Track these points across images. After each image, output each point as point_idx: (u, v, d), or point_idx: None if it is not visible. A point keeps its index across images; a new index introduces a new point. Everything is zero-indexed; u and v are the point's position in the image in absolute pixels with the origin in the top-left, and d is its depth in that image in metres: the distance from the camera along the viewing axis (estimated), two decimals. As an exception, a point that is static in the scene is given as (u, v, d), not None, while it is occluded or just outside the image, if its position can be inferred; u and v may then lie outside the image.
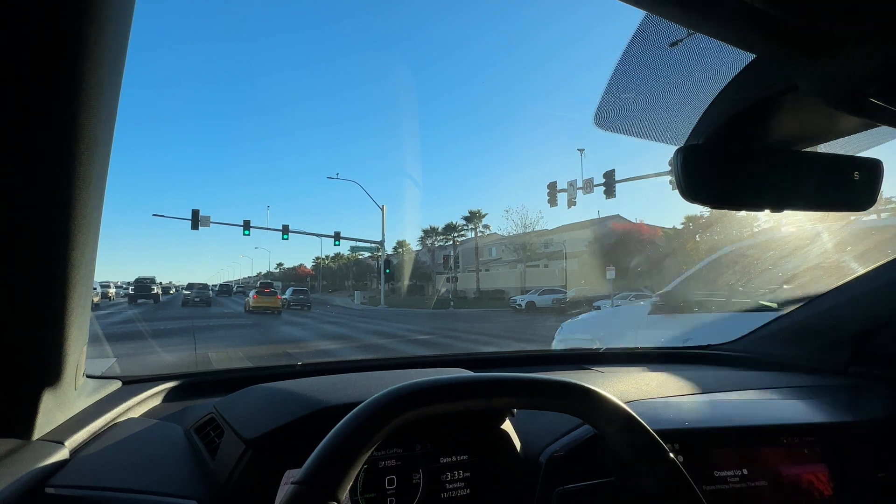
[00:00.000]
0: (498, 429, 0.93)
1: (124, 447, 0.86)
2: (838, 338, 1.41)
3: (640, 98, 0.79)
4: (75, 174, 0.59)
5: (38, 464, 0.71)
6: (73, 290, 0.69)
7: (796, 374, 1.43)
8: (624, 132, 0.83)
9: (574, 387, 0.68)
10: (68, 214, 0.62)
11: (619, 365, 1.58)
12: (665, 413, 1.01)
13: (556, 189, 20.85)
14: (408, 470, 0.87)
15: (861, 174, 0.69)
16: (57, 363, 0.76)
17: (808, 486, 0.99)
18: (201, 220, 23.03)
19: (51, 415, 0.81)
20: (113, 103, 0.61)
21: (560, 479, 0.87)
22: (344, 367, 1.34)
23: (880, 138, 0.75)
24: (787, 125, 0.68)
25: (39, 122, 0.55)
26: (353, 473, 0.54)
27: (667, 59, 0.70)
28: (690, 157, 0.65)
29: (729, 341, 1.74)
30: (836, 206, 0.73)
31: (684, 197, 0.65)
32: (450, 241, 41.03)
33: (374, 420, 0.58)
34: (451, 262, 39.41)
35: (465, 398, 0.65)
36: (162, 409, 1.12)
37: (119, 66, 0.59)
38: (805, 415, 1.10)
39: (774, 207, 0.69)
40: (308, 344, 10.86)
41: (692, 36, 0.65)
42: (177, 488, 0.76)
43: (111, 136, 0.64)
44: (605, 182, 19.36)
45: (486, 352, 3.59)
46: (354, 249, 47.28)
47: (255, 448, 0.77)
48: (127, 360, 7.25)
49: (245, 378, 1.21)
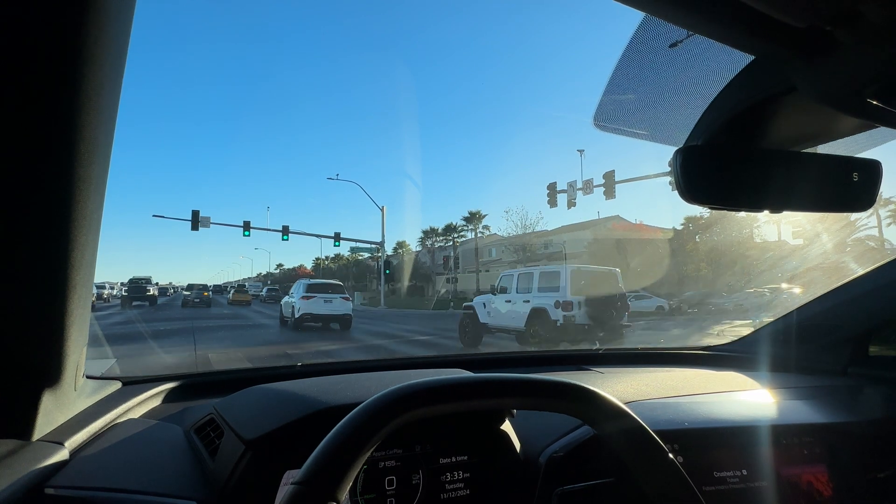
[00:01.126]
0: (498, 429, 0.93)
1: (124, 448, 0.86)
2: (837, 338, 1.42)
3: (640, 99, 0.79)
4: (76, 175, 0.59)
5: (38, 464, 0.72)
6: (73, 291, 0.69)
7: (796, 375, 1.43)
8: (623, 133, 0.83)
9: (573, 387, 0.68)
10: (69, 215, 0.62)
11: (619, 366, 1.58)
12: (664, 414, 1.01)
13: (556, 190, 20.86)
14: (407, 470, 0.87)
15: (860, 175, 0.70)
16: (57, 364, 0.76)
17: (808, 486, 0.99)
18: (201, 220, 23.01)
19: (51, 415, 0.81)
20: (113, 104, 0.62)
21: (560, 479, 0.87)
22: (343, 368, 1.34)
23: (879, 139, 0.75)
24: (787, 126, 0.68)
25: (40, 123, 0.55)
26: (353, 474, 0.54)
27: (666, 59, 0.70)
28: (690, 158, 0.65)
29: (728, 342, 1.75)
30: (836, 207, 0.73)
31: (683, 198, 0.65)
32: (450, 242, 41.06)
33: (373, 421, 0.58)
34: (450, 262, 39.43)
35: (464, 399, 0.65)
36: (162, 409, 1.12)
37: (120, 68, 0.59)
38: (804, 415, 1.10)
39: (774, 208, 0.69)
40: (307, 345, 10.85)
41: (691, 37, 0.65)
42: (177, 489, 0.76)
43: (112, 137, 0.64)
44: (605, 183, 19.37)
45: (485, 352, 3.59)
46: (354, 250, 47.34)
47: (254, 449, 0.77)
48: (126, 360, 7.25)
49: (245, 379, 1.21)
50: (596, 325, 10.11)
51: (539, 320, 10.45)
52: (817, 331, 1.46)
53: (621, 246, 28.15)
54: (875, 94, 0.52)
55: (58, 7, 0.48)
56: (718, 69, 0.66)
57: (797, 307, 1.52)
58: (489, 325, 11.64)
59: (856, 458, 1.04)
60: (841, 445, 1.04)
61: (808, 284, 15.26)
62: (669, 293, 23.96)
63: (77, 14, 0.49)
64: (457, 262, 40.95)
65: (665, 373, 1.38)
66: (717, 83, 0.67)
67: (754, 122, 0.66)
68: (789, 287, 17.52)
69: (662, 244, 27.81)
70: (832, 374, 1.41)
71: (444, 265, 39.92)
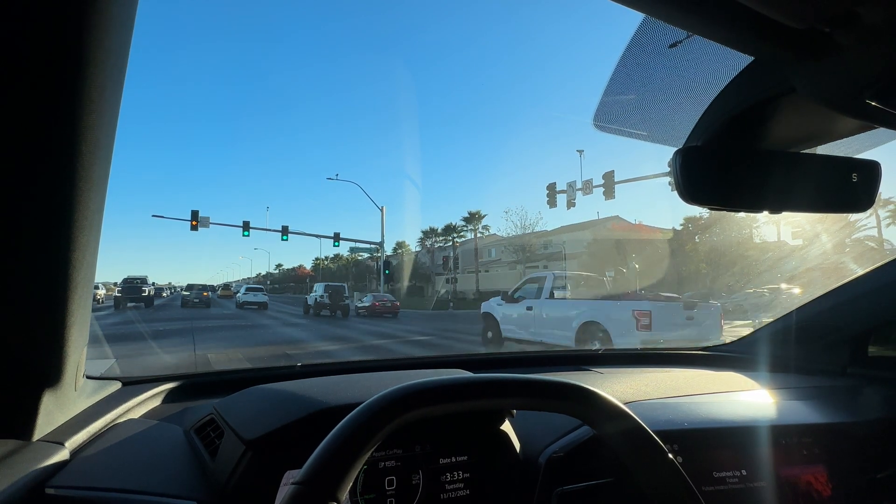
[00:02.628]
0: (497, 430, 0.93)
1: (124, 448, 0.86)
2: (836, 339, 1.42)
3: (640, 99, 0.79)
4: (77, 176, 0.59)
5: (39, 464, 0.72)
6: (73, 291, 0.69)
7: (795, 375, 1.43)
8: (623, 133, 0.83)
9: (573, 388, 0.68)
10: (70, 216, 0.62)
11: (619, 366, 1.58)
12: (664, 414, 1.02)
13: (556, 190, 20.85)
14: (407, 471, 0.87)
15: (859, 176, 0.70)
16: (57, 364, 0.76)
17: (807, 486, 0.99)
18: (201, 220, 22.96)
19: (51, 416, 0.81)
20: (115, 105, 0.62)
21: (559, 479, 0.87)
22: (343, 368, 1.35)
23: (878, 140, 0.75)
24: (786, 127, 0.68)
25: (42, 124, 0.55)
26: (353, 474, 0.54)
27: (666, 60, 0.70)
28: (689, 159, 0.65)
29: (728, 342, 1.75)
30: (835, 208, 0.74)
31: (683, 198, 0.65)
32: (449, 242, 41.01)
33: (373, 421, 0.58)
34: (450, 262, 39.42)
35: (464, 399, 0.65)
36: (162, 409, 1.12)
37: (122, 68, 0.59)
38: (804, 415, 1.10)
39: (773, 209, 0.69)
40: (307, 345, 10.85)
41: (691, 38, 0.65)
42: (177, 489, 0.76)
43: (113, 138, 0.64)
44: (605, 183, 19.36)
45: (485, 353, 3.59)
46: (354, 250, 47.38)
47: (254, 449, 0.77)
48: (127, 360, 7.25)
49: (245, 379, 1.21)
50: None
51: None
52: (817, 331, 1.46)
53: (621, 246, 28.14)
54: (874, 95, 0.53)
55: (60, 7, 0.48)
56: (718, 70, 0.66)
57: (796, 307, 1.52)
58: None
59: (855, 458, 1.04)
60: (840, 446, 1.04)
61: (807, 285, 15.27)
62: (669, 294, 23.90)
63: (79, 15, 0.49)
64: (456, 262, 40.93)
65: (664, 373, 1.38)
66: (716, 84, 0.67)
67: (754, 122, 0.66)
68: (789, 287, 17.53)
69: (662, 245, 27.80)
70: (832, 374, 1.41)
71: (443, 265, 39.90)
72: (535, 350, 7.48)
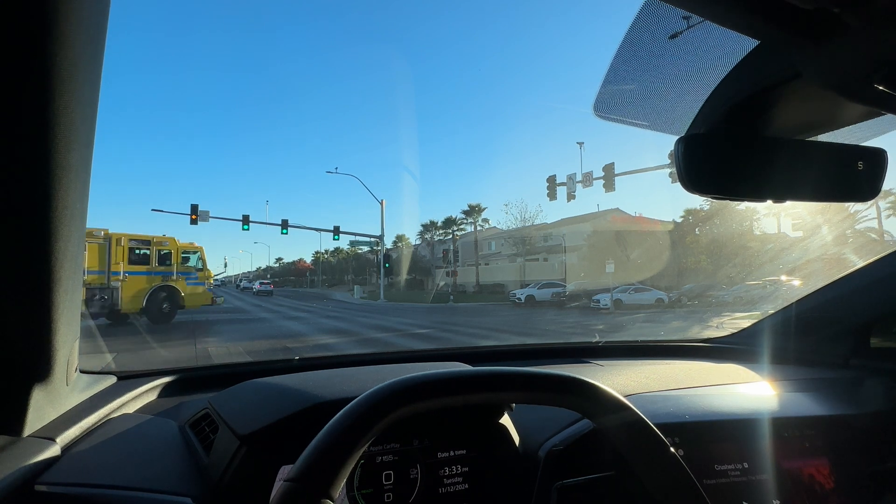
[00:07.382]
0: (496, 423, 0.92)
1: (117, 443, 0.85)
2: (839, 330, 1.41)
3: (641, 86, 0.77)
4: (53, 162, 0.57)
5: (29, 461, 0.70)
6: (58, 284, 0.67)
7: (796, 367, 1.42)
8: (624, 122, 0.81)
9: (573, 381, 0.67)
10: (48, 205, 0.60)
11: (619, 358, 1.57)
12: (665, 406, 1.01)
13: (556, 183, 20.83)
14: (405, 465, 0.86)
15: (865, 164, 0.68)
16: (46, 358, 0.75)
17: (810, 479, 0.99)
18: (200, 214, 22.91)
19: (42, 411, 0.80)
20: (92, 86, 0.59)
21: (559, 473, 0.86)
22: (341, 362, 1.34)
23: (885, 127, 0.74)
24: (791, 114, 0.66)
25: (8, 107, 0.52)
26: (347, 470, 0.53)
27: (668, 46, 0.68)
28: (692, 147, 0.64)
29: (728, 334, 1.74)
30: (840, 197, 0.72)
31: (685, 187, 0.64)
32: (449, 236, 41.06)
33: (368, 416, 0.56)
34: (450, 256, 39.41)
35: (462, 393, 0.64)
36: (157, 404, 1.11)
37: (98, 45, 0.56)
38: (806, 407, 1.09)
39: (777, 198, 0.68)
40: (307, 338, 10.86)
41: (694, 22, 0.63)
42: (171, 485, 0.75)
43: (93, 122, 0.62)
44: (605, 175, 19.33)
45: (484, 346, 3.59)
46: (354, 244, 47.37)
47: (249, 444, 0.76)
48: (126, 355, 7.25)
49: (241, 373, 1.20)
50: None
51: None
52: (818, 323, 1.45)
53: (621, 238, 28.15)
54: (883, 79, 0.51)
55: None
56: (721, 55, 0.64)
57: (798, 299, 1.51)
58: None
59: (857, 450, 1.03)
60: (842, 438, 1.04)
61: (808, 276, 15.27)
62: (669, 286, 23.98)
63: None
64: (456, 255, 40.93)
65: (665, 365, 1.37)
66: (719, 70, 0.65)
67: (758, 109, 0.65)
68: (789, 279, 17.55)
69: (662, 236, 27.81)
70: (833, 366, 1.40)
71: (443, 258, 39.90)
72: (535, 343, 7.50)
